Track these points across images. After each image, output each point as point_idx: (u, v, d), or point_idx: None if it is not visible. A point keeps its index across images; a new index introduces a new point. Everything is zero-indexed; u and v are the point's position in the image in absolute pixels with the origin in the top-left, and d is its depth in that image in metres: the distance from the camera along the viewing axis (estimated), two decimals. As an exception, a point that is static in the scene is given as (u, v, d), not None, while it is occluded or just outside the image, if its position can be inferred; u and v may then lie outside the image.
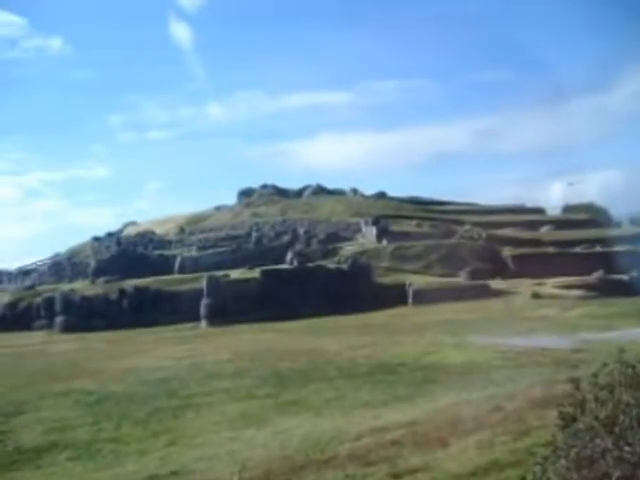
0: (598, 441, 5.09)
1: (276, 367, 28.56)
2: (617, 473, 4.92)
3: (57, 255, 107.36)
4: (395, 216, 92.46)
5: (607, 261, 63.75)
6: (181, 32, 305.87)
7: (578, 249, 73.13)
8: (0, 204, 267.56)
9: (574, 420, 5.28)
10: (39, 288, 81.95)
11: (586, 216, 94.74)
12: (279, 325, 50.31)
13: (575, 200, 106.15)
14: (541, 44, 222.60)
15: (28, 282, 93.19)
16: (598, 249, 72.92)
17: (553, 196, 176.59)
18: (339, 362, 28.69)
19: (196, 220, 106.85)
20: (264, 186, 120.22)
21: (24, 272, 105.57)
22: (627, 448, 4.98)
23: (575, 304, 48.74)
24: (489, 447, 10.67)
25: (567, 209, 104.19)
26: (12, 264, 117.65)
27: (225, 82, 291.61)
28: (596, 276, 59.92)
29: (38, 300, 72.67)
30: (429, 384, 21.39)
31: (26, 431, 19.53)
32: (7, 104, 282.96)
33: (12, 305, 74.32)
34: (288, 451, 13.63)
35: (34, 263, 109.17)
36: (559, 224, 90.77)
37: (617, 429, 5.08)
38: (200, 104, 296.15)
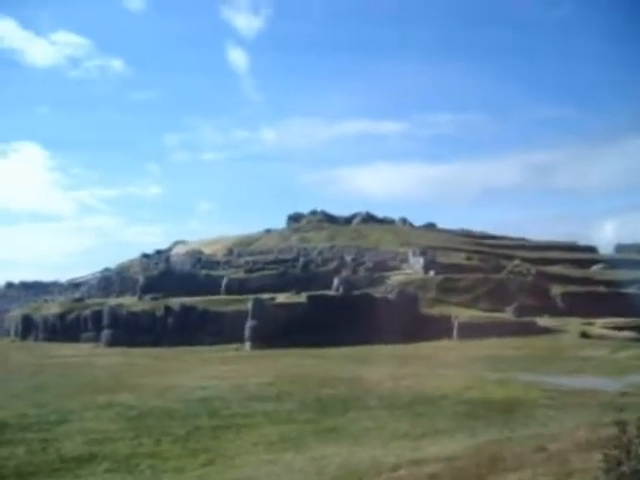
0: (643, 485, 5.01)
1: (317, 393, 28.49)
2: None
3: (107, 270, 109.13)
4: (444, 248, 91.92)
5: (659, 303, 62.32)
6: (238, 57, 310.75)
7: (630, 289, 71.67)
8: (56, 217, 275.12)
9: (619, 463, 5.19)
10: (88, 301, 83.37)
11: (639, 256, 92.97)
12: (322, 351, 50.21)
13: (628, 239, 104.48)
14: (602, 82, 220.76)
15: (77, 294, 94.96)
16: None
17: (606, 235, 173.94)
18: (380, 391, 28.50)
19: (245, 242, 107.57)
20: (313, 212, 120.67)
21: (74, 285, 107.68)
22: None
23: (624, 345, 47.72)
24: (530, 487, 10.50)
25: (619, 248, 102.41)
26: (63, 276, 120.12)
27: (280, 107, 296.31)
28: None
29: (86, 313, 73.96)
30: (470, 419, 21.12)
31: (68, 441, 19.77)
32: (68, 121, 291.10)
33: (62, 316, 75.78)
34: (325, 477, 13.59)
35: (84, 276, 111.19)
36: (611, 263, 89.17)
37: (662, 474, 4.99)
38: (255, 128, 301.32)
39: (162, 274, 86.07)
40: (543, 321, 60.70)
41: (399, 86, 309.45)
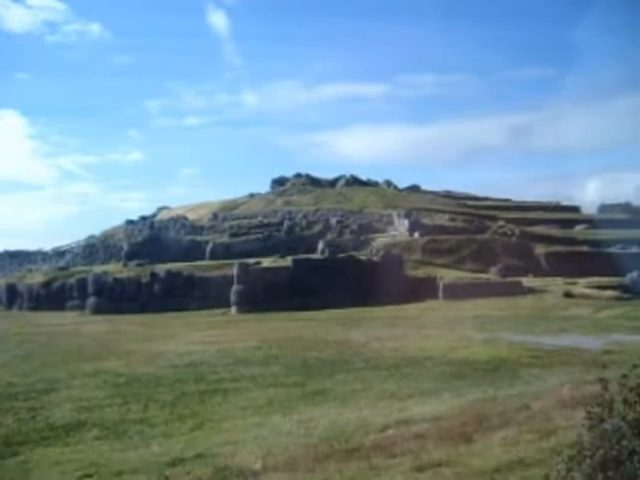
0: (625, 443, 5.05)
1: (304, 356, 28.65)
2: (643, 476, 4.88)
3: (91, 237, 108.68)
4: (428, 209, 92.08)
5: (642, 262, 62.71)
6: (219, 21, 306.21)
7: (613, 249, 72.11)
8: (37, 186, 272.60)
9: (601, 421, 5.24)
10: (72, 269, 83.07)
11: (622, 216, 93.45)
12: (308, 314, 50.42)
13: (611, 199, 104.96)
14: (585, 42, 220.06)
15: (62, 263, 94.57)
16: (633, 250, 71.88)
17: (589, 195, 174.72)
18: (366, 353, 28.71)
19: (229, 207, 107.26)
20: (298, 175, 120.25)
21: (58, 253, 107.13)
22: (655, 451, 4.94)
23: (607, 305, 48.22)
24: (514, 445, 10.61)
25: (603, 208, 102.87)
26: (47, 244, 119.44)
27: (262, 72, 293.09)
28: (630, 277, 59.07)
29: (71, 281, 73.76)
30: (456, 379, 21.31)
31: (57, 409, 19.83)
32: (48, 88, 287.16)
33: (46, 285, 75.52)
34: (313, 440, 13.69)
35: (68, 244, 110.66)
36: (594, 223, 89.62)
37: (645, 431, 5.04)
38: (237, 92, 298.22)
39: (147, 240, 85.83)
40: (527, 281, 61.11)
41: (380, 48, 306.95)
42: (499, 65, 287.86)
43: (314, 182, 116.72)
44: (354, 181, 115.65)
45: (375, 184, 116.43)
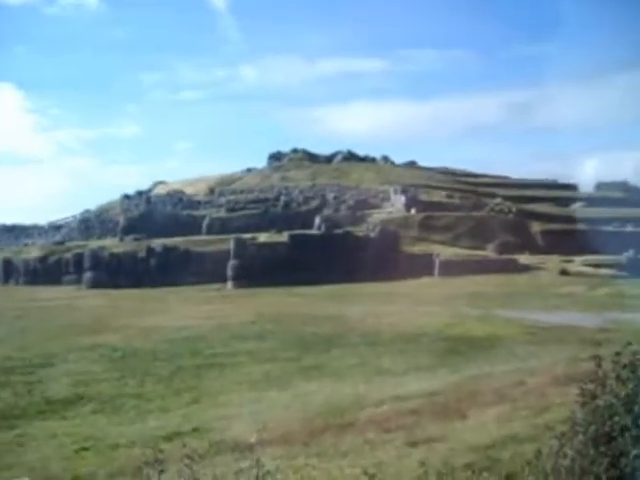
0: (617, 419, 5.09)
1: (300, 331, 28.76)
2: (635, 451, 4.92)
3: (87, 212, 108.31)
4: (425, 186, 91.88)
5: (638, 241, 62.88)
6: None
7: (609, 227, 72.21)
8: (33, 159, 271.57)
9: (594, 397, 5.27)
10: (68, 244, 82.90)
11: (619, 194, 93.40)
12: (304, 290, 50.50)
13: (608, 178, 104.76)
14: (585, 19, 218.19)
15: (58, 237, 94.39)
16: (630, 228, 72.05)
17: (586, 173, 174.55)
18: (362, 329, 28.81)
19: (226, 181, 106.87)
20: (295, 150, 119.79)
21: (54, 227, 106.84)
22: (646, 427, 4.98)
23: (603, 283, 48.37)
24: (508, 421, 10.70)
25: (600, 186, 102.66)
26: (43, 219, 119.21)
27: (260, 46, 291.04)
28: (626, 256, 59.22)
29: (67, 255, 73.66)
30: (451, 355, 21.43)
31: (53, 383, 19.92)
32: (44, 61, 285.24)
33: (42, 259, 75.43)
34: (308, 414, 13.78)
35: (64, 219, 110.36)
36: (591, 201, 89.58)
37: (637, 408, 5.07)
38: (234, 66, 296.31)
39: (143, 215, 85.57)
40: (523, 258, 61.26)
41: (380, 22, 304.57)
42: (499, 42, 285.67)
43: (311, 157, 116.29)
44: (351, 156, 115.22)
45: (372, 160, 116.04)
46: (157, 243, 69.55)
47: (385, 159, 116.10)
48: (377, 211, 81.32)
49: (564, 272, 54.48)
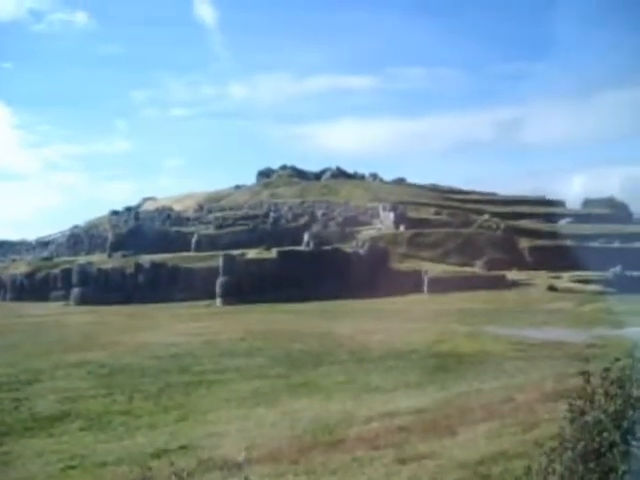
0: (606, 435, 5.10)
1: (288, 348, 28.68)
2: (623, 467, 4.92)
3: (75, 227, 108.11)
4: (414, 203, 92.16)
5: (625, 257, 63.19)
6: (206, 12, 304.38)
7: (596, 244, 72.54)
8: (22, 176, 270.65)
9: (583, 413, 5.28)
10: (57, 259, 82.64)
11: (606, 211, 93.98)
12: (293, 306, 50.42)
13: (596, 194, 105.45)
14: (572, 38, 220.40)
15: (46, 253, 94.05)
16: (617, 244, 72.40)
17: (574, 189, 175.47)
18: (351, 346, 28.75)
19: (215, 198, 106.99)
20: (283, 167, 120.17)
21: (42, 243, 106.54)
22: (635, 443, 4.99)
23: (591, 299, 48.51)
24: (497, 437, 10.68)
25: (587, 203, 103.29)
26: (31, 235, 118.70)
27: (249, 63, 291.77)
28: (613, 272, 59.48)
29: (55, 271, 73.42)
30: (440, 372, 21.40)
31: (40, 399, 19.76)
32: (33, 77, 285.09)
33: (30, 275, 75.12)
34: (297, 432, 13.72)
35: (53, 235, 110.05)
36: (578, 218, 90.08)
37: (625, 424, 5.08)
38: (223, 84, 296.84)
39: (132, 231, 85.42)
40: (512, 275, 61.42)
41: (370, 41, 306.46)
42: (487, 60, 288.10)
43: (300, 174, 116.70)
44: (340, 173, 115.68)
45: (361, 177, 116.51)
46: (145, 259, 69.42)
47: (374, 176, 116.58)
48: (366, 228, 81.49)
49: (552, 288, 54.65)
